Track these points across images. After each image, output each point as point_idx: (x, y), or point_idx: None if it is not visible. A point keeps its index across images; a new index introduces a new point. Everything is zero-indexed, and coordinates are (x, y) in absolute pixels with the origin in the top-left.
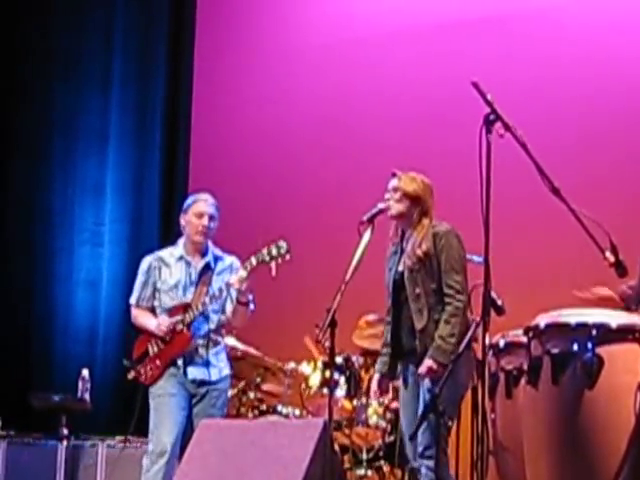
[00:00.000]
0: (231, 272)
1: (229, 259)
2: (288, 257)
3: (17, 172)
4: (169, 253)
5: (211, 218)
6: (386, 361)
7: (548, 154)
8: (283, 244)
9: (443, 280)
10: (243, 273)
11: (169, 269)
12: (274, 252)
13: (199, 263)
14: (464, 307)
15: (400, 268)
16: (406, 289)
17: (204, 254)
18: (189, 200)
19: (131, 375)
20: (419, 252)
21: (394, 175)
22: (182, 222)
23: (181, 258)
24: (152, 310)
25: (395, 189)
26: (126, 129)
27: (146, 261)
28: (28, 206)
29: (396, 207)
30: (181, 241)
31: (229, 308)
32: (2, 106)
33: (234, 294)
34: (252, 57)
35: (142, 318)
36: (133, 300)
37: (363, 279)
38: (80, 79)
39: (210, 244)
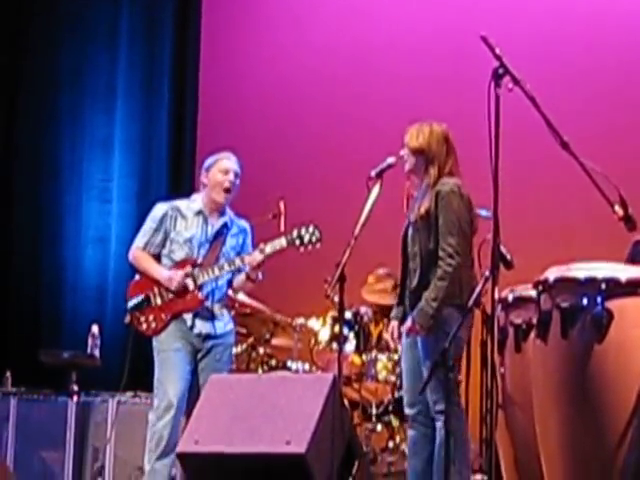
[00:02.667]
0: (245, 236)
1: (242, 223)
2: (318, 246)
3: (24, 129)
4: (186, 205)
5: (236, 175)
6: (401, 309)
7: (557, 108)
8: (316, 231)
9: (440, 242)
10: (260, 256)
11: (185, 221)
12: (306, 238)
13: (217, 222)
14: (454, 271)
15: (408, 223)
16: (408, 244)
17: (222, 214)
18: (211, 158)
19: (128, 320)
20: (421, 210)
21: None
22: (203, 180)
23: (199, 213)
24: (156, 257)
25: (404, 145)
26: (134, 84)
27: (160, 208)
28: (36, 163)
29: (406, 165)
30: (198, 197)
31: (238, 278)
32: (9, 64)
33: (247, 268)
34: (260, 12)
35: (148, 263)
36: (140, 243)
37: (372, 234)
38: (87, 35)
39: (227, 206)
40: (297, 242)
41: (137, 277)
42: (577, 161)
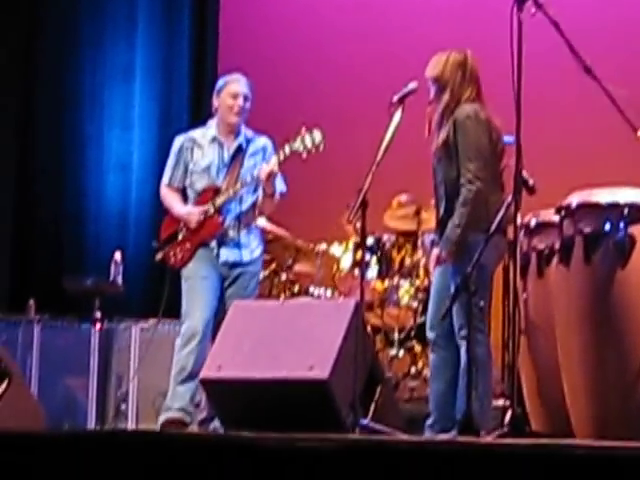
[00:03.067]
0: (264, 154)
1: (262, 140)
2: (322, 148)
3: (45, 57)
4: (201, 134)
5: (246, 98)
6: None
7: (580, 34)
8: (317, 134)
9: (460, 169)
10: (274, 167)
11: (201, 150)
12: (308, 142)
13: (232, 145)
14: (475, 196)
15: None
16: (434, 173)
17: (236, 135)
18: (222, 81)
19: (159, 256)
20: (439, 139)
21: None
22: (215, 103)
23: (214, 139)
24: (183, 191)
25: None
26: (154, 11)
27: (178, 141)
28: (56, 91)
29: (431, 94)
30: (213, 122)
31: (260, 196)
32: None
33: (262, 182)
34: None
35: (171, 200)
36: (166, 180)
37: (394, 160)
38: None
39: (242, 125)
40: (300, 148)
41: (167, 216)
42: (600, 85)
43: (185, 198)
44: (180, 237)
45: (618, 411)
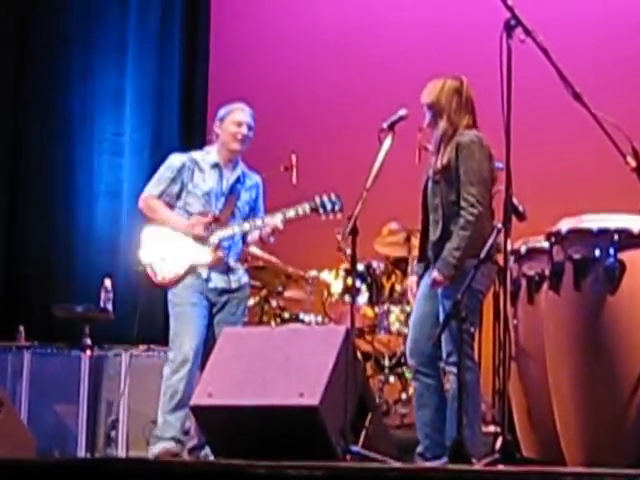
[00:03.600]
0: (257, 191)
1: (255, 177)
2: (339, 216)
3: (35, 83)
4: (202, 158)
5: (249, 127)
6: (421, 265)
7: (570, 59)
8: (338, 201)
9: (461, 192)
10: (280, 223)
11: (202, 174)
12: (328, 207)
13: (231, 175)
14: (476, 220)
15: (428, 175)
16: (429, 197)
17: (234, 166)
18: (225, 109)
19: (141, 268)
20: (443, 161)
21: None
22: (217, 130)
23: (216, 166)
24: (169, 208)
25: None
26: (145, 37)
27: (178, 159)
28: (47, 117)
29: (425, 121)
30: (213, 149)
31: (252, 236)
32: (19, 19)
33: (267, 230)
34: None
35: (164, 211)
36: (155, 192)
37: (384, 186)
38: None
39: (240, 159)
40: (320, 210)
41: (150, 227)
42: (589, 112)
43: None
44: (170, 254)
45: (609, 437)
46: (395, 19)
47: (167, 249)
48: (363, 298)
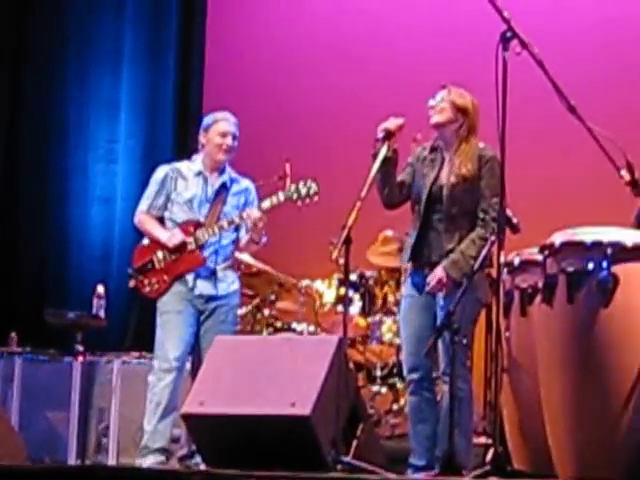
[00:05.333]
0: (247, 196)
1: (245, 182)
2: (316, 199)
3: (31, 90)
4: (186, 167)
5: (234, 137)
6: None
7: (564, 72)
8: (313, 185)
9: (481, 204)
10: (258, 211)
11: (186, 182)
12: (303, 191)
13: (216, 181)
14: (493, 232)
15: (442, 181)
16: (442, 205)
17: (221, 173)
18: (210, 118)
19: (132, 284)
20: (464, 171)
21: (444, 87)
22: (202, 140)
23: (199, 174)
24: (160, 220)
25: (443, 99)
26: (140, 46)
27: (162, 170)
28: (42, 124)
29: (438, 117)
30: (198, 157)
31: (243, 239)
32: (16, 26)
33: (249, 224)
34: None
35: (150, 226)
36: (144, 207)
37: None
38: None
39: (227, 164)
40: (294, 196)
41: (142, 242)
42: (584, 125)
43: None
44: (157, 266)
45: (600, 450)
46: (393, 23)
47: (154, 261)
48: (356, 308)
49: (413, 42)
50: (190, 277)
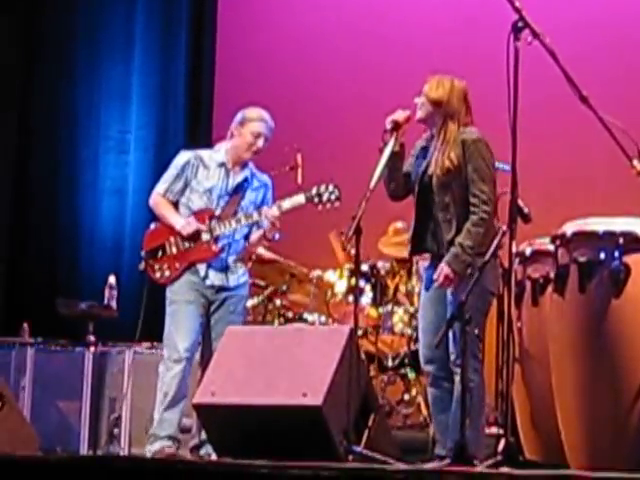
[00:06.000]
0: (265, 191)
1: (264, 178)
2: (337, 204)
3: (41, 80)
4: (209, 156)
5: (266, 140)
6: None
7: (577, 62)
8: (335, 190)
9: (470, 188)
10: (277, 210)
11: (207, 171)
12: (325, 197)
13: (238, 175)
14: (489, 218)
15: (430, 172)
16: (435, 195)
17: (243, 166)
18: (247, 114)
19: (142, 267)
20: (447, 162)
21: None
22: (234, 131)
23: (222, 165)
24: (175, 205)
25: (422, 94)
26: (151, 35)
27: (184, 156)
28: (53, 114)
29: (418, 112)
30: (223, 147)
31: (255, 234)
32: (25, 16)
33: (265, 224)
34: None
35: (165, 210)
36: (161, 190)
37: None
38: None
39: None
40: (316, 200)
41: (153, 226)
42: (596, 115)
43: None
44: (168, 252)
45: (611, 440)
46: (402, 21)
47: (166, 247)
48: (367, 298)
49: (424, 35)
50: (202, 267)
